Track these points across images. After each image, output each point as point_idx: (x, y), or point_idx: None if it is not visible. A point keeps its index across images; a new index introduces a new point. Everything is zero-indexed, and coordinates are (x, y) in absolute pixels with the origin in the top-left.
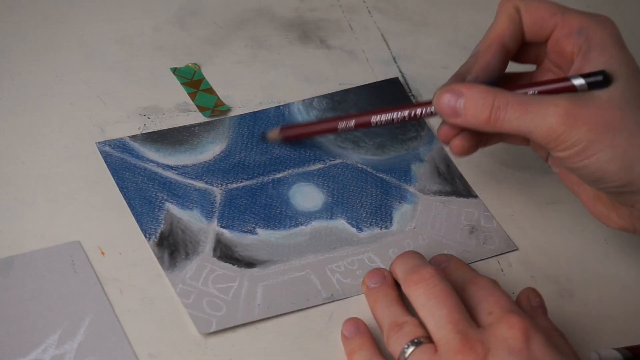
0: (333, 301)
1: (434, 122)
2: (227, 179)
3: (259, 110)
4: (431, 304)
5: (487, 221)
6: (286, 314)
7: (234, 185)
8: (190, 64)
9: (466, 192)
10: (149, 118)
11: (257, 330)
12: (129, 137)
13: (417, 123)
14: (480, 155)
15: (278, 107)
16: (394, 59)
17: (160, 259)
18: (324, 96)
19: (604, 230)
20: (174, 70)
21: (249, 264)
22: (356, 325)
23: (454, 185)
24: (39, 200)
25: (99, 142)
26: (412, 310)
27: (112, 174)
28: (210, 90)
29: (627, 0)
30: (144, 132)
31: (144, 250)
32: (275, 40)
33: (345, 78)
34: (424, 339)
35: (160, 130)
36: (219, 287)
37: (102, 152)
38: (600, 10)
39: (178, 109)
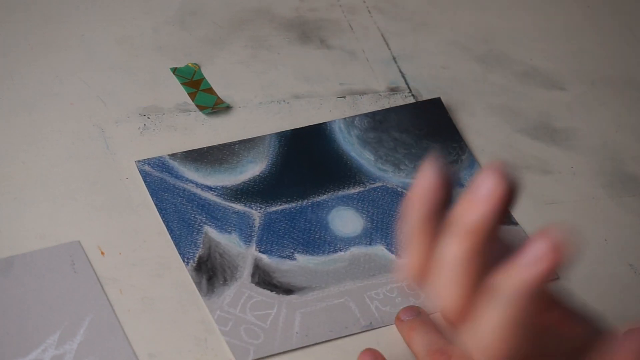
0: (372, 329)
1: (475, 146)
2: (266, 201)
3: (299, 128)
4: None
5: None
6: (322, 342)
7: (273, 209)
8: (190, 64)
9: (507, 218)
10: (148, 118)
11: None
12: (168, 155)
13: (458, 146)
14: (479, 156)
15: (319, 125)
16: (394, 59)
17: (198, 285)
18: (366, 115)
19: (604, 230)
20: (174, 70)
21: (287, 290)
22: (374, 356)
23: None
24: (39, 200)
25: (138, 161)
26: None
27: (151, 195)
28: (210, 90)
29: (627, 0)
30: (183, 150)
31: (144, 250)
32: (275, 40)
33: (345, 78)
34: None
35: (200, 149)
36: (256, 314)
37: (141, 172)
38: (600, 10)
39: (178, 109)
